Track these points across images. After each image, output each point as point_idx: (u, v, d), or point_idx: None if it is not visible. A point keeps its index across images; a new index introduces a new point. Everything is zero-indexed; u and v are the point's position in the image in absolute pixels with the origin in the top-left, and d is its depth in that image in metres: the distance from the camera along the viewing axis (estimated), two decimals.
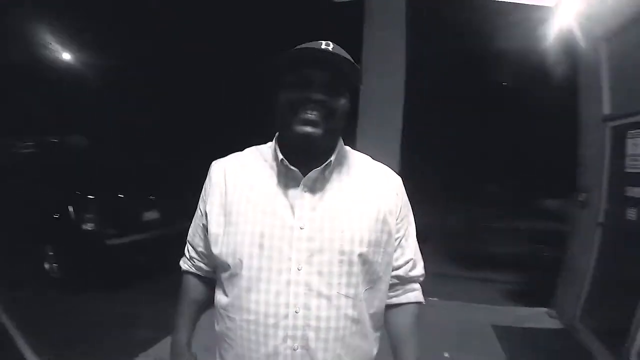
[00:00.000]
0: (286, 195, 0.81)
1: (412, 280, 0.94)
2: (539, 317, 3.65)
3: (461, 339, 2.99)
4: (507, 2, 4.07)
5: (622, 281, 2.83)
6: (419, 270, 0.95)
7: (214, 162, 0.93)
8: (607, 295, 3.03)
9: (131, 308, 3.42)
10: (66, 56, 9.44)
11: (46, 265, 3.96)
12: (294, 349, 0.76)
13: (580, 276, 3.35)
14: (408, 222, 0.92)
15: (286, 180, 0.82)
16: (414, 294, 0.94)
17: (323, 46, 0.76)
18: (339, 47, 0.79)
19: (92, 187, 3.97)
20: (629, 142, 2.83)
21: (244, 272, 0.78)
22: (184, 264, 1.00)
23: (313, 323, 0.76)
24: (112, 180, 4.31)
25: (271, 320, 0.76)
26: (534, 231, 4.86)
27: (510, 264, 4.71)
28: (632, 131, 2.81)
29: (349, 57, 0.78)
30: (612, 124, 3.12)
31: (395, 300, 0.93)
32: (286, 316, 0.76)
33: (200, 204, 0.92)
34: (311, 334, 0.76)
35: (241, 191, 0.84)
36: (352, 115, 0.87)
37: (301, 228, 0.78)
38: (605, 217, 3.16)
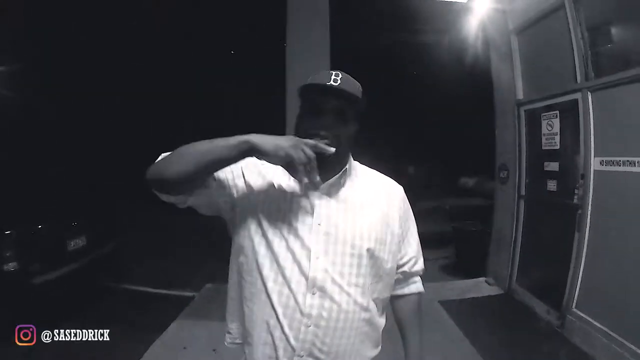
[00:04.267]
0: (307, 197, 0.95)
1: (413, 274, 1.10)
2: (478, 287, 4.02)
3: None
4: None
5: (548, 245, 3.25)
6: (420, 265, 1.10)
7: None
8: (536, 259, 3.46)
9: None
10: None
11: None
12: (307, 326, 0.89)
13: (508, 244, 3.78)
14: (410, 225, 1.08)
15: (307, 185, 0.94)
16: (416, 285, 1.12)
17: (331, 80, 0.90)
18: (347, 76, 0.93)
19: (5, 220, 3.22)
20: (544, 123, 3.23)
21: (275, 257, 0.91)
22: None
23: (327, 304, 0.89)
24: (26, 207, 3.57)
25: (292, 301, 0.89)
26: (460, 208, 5.31)
27: (442, 241, 5.09)
28: (545, 113, 3.22)
29: (354, 88, 0.92)
30: (525, 107, 3.53)
31: (400, 292, 1.09)
32: (305, 295, 0.89)
33: (245, 171, 0.98)
34: (324, 314, 0.89)
35: (272, 194, 0.96)
36: (360, 131, 1.00)
37: (319, 224, 0.92)
38: (526, 190, 3.59)
